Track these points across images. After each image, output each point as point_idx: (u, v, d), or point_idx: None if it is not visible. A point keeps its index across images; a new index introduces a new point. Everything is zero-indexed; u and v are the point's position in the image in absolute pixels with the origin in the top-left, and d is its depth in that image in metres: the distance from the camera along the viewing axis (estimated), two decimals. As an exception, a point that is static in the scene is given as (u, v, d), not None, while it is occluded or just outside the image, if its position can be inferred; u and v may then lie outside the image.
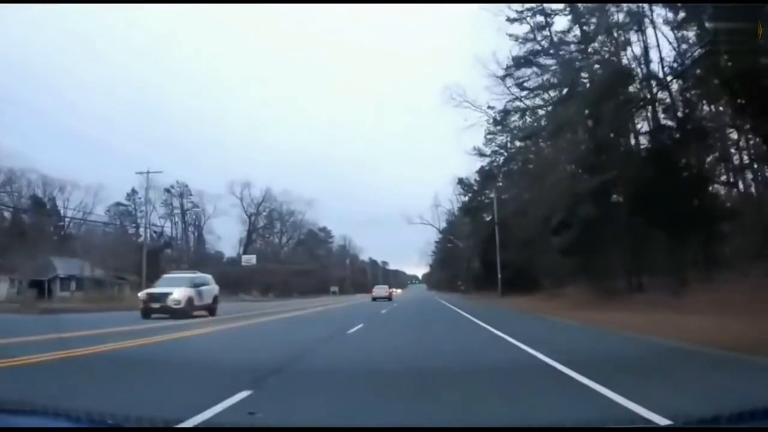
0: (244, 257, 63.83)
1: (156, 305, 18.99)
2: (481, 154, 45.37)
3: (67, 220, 65.02)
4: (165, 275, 23.48)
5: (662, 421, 3.86)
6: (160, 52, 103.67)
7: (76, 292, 47.49)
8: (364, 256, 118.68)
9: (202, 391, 5.43)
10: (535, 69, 32.48)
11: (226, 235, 78.56)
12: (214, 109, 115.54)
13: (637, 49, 21.77)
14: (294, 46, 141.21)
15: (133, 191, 74.70)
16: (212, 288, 22.52)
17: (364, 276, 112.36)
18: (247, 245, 74.03)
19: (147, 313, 18.84)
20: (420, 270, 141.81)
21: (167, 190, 73.93)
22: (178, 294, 19.28)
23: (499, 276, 38.89)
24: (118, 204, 72.83)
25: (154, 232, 72.18)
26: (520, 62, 32.19)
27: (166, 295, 19.24)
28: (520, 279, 39.09)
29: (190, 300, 19.59)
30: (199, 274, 23.73)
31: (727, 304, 15.67)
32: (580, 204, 19.43)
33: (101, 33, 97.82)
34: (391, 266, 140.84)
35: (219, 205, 73.84)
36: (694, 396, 5.20)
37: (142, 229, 76.56)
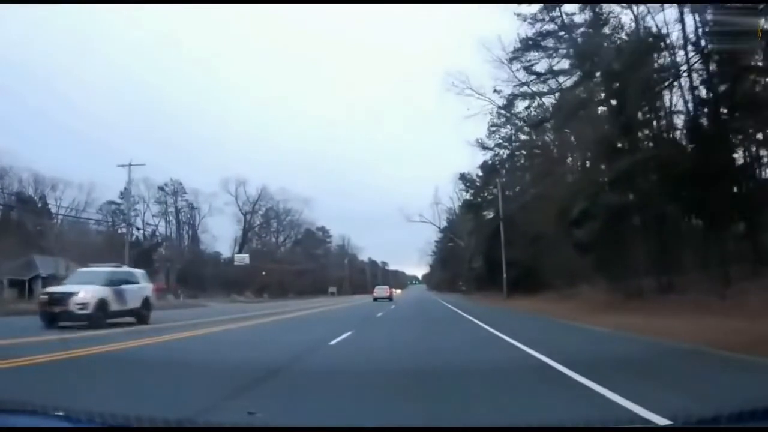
0: (237, 256, 61.03)
1: (57, 309, 14.20)
2: (484, 147, 42.64)
3: (59, 218, 62.75)
4: (80, 269, 17.80)
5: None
6: (157, 50, 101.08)
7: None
8: (363, 256, 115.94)
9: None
10: (544, 52, 29.82)
11: (223, 235, 75.79)
12: (213, 107, 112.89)
13: (660, 18, 18.86)
14: (294, 45, 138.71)
15: (126, 189, 72.21)
16: (142, 288, 17.08)
17: (363, 276, 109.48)
18: (243, 244, 71.15)
19: (50, 320, 14.05)
20: (420, 270, 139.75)
21: (161, 188, 71.29)
22: (85, 294, 14.27)
23: (504, 275, 36.03)
24: (111, 202, 70.22)
25: (138, 229, 69.74)
26: (528, 44, 29.44)
27: (69, 295, 14.33)
28: (526, 279, 36.27)
29: (102, 303, 14.54)
30: (124, 269, 18.08)
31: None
32: (604, 192, 16.60)
33: (100, 32, 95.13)
34: (391, 266, 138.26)
35: (214, 203, 71.23)
36: None
37: (134, 228, 74.63)
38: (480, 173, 48.82)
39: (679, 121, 18.81)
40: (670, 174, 16.82)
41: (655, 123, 18.32)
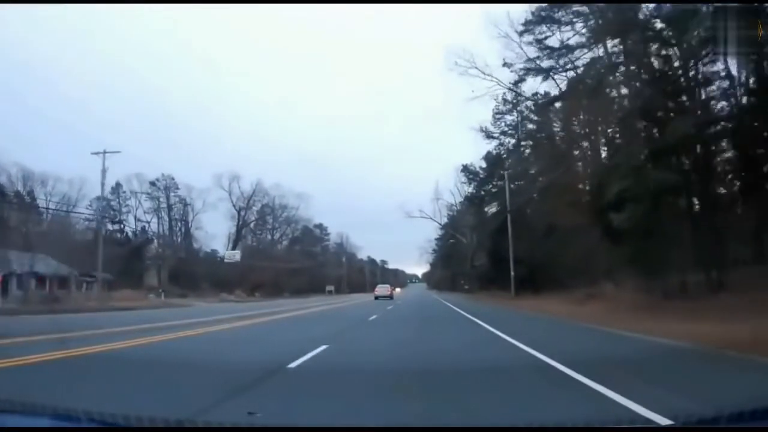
0: (227, 253, 57.60)
1: None
2: (489, 136, 39.21)
3: (48, 214, 59.78)
4: None
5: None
6: (154, 45, 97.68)
7: (36, 291, 41.65)
8: (363, 255, 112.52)
9: None
10: (557, 26, 26.48)
11: (218, 232, 72.48)
12: (211, 105, 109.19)
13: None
14: (294, 43, 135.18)
15: (118, 185, 68.94)
16: None
17: (361, 275, 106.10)
18: (237, 241, 67.60)
19: None
20: (420, 269, 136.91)
21: (152, 183, 68.01)
22: None
23: (512, 273, 32.62)
24: (100, 198, 66.85)
25: (114, 223, 66.79)
26: (541, 16, 26.11)
27: None
28: (535, 277, 32.87)
29: None
30: None
31: None
32: (647, 168, 13.18)
33: (97, 29, 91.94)
34: (390, 265, 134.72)
35: (208, 199, 67.87)
36: None
37: (126, 226, 71.33)
38: (484, 165, 45.40)
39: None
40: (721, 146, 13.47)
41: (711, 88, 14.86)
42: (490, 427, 3.62)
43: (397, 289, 78.83)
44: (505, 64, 25.36)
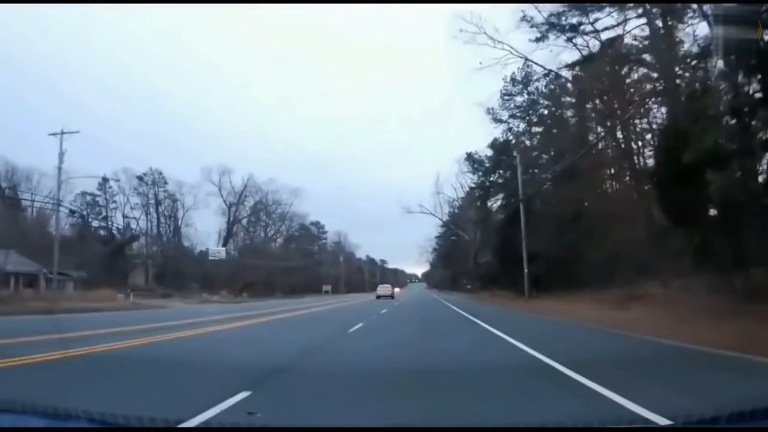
0: (212, 250, 52.87)
1: None
2: (496, 119, 34.67)
3: (33, 209, 55.51)
4: None
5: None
6: (154, 44, 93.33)
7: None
8: (362, 254, 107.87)
9: None
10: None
11: (213, 231, 67.77)
12: (210, 104, 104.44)
13: None
14: (293, 40, 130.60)
15: (105, 180, 64.36)
16: None
17: (360, 275, 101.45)
18: (228, 238, 62.95)
19: None
20: (420, 268, 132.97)
21: (139, 178, 63.48)
22: None
23: (526, 271, 28.01)
24: (84, 193, 62.36)
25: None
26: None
27: None
28: (550, 275, 28.26)
29: None
30: None
31: None
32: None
33: (96, 26, 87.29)
34: (390, 265, 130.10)
35: (200, 195, 63.25)
36: None
37: (114, 223, 66.78)
38: (489, 153, 40.80)
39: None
40: None
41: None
42: (490, 427, 3.43)
43: (397, 289, 75.05)
44: (524, 18, 20.81)
